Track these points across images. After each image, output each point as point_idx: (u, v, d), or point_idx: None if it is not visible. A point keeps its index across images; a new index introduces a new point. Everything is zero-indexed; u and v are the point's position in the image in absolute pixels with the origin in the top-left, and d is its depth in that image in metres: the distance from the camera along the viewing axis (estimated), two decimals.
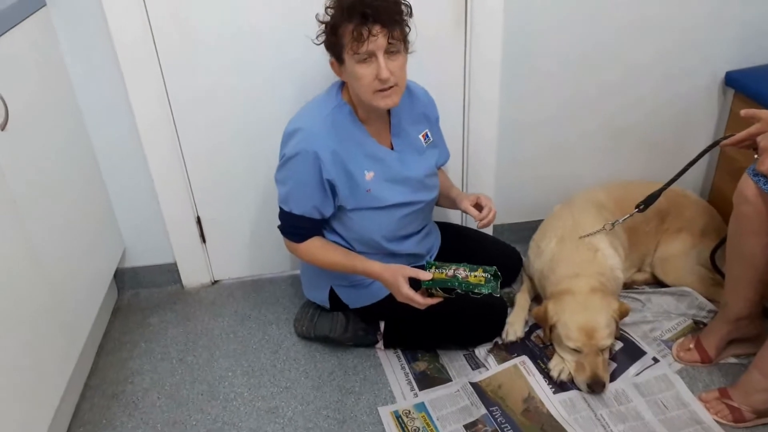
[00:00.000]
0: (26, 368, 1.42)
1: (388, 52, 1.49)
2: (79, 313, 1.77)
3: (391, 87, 1.51)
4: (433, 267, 1.58)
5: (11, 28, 1.51)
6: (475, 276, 1.55)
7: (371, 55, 1.48)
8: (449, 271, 1.56)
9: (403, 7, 1.52)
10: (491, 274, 1.55)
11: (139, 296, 2.20)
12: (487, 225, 1.74)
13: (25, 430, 1.41)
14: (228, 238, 2.17)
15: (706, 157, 1.78)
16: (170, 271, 2.21)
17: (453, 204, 1.86)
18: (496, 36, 1.91)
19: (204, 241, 2.17)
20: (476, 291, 1.53)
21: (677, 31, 2.02)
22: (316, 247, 1.70)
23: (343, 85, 1.65)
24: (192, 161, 2.01)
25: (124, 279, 2.20)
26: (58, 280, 1.63)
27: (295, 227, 1.68)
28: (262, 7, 1.80)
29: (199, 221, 2.12)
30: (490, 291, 1.53)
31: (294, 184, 1.62)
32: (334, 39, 1.51)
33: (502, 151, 2.07)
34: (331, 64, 1.58)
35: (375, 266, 1.64)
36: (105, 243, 2.01)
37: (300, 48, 1.84)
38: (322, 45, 1.56)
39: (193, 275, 2.22)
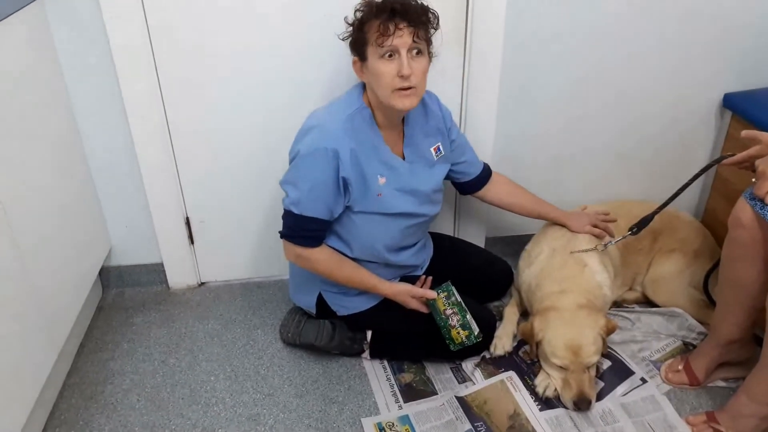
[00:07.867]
0: (3, 364, 1.39)
1: (412, 52, 1.49)
2: (62, 309, 1.74)
3: (410, 87, 1.50)
4: (443, 294, 1.71)
5: (2, 19, 1.48)
6: (458, 334, 1.70)
7: (395, 52, 1.47)
8: (449, 309, 1.70)
9: (430, 14, 1.52)
10: (472, 342, 1.71)
11: (124, 295, 2.17)
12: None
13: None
14: (217, 240, 2.15)
15: (701, 178, 1.77)
16: (156, 271, 2.18)
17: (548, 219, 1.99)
18: (495, 55, 1.90)
19: (192, 242, 2.14)
20: (446, 339, 1.72)
21: (676, 54, 2.02)
22: (330, 254, 1.68)
23: (364, 89, 1.63)
24: (183, 161, 1.99)
25: (109, 277, 2.17)
26: (42, 275, 1.60)
27: (306, 230, 1.62)
28: (261, 11, 1.79)
29: (188, 222, 2.10)
30: (451, 348, 1.73)
31: (310, 184, 1.56)
32: (360, 35, 1.51)
33: (499, 167, 2.06)
34: (354, 63, 1.57)
35: (384, 285, 1.74)
36: (91, 240, 1.98)
37: (296, 50, 1.84)
38: (319, 52, 1.55)
39: (179, 276, 2.19)
